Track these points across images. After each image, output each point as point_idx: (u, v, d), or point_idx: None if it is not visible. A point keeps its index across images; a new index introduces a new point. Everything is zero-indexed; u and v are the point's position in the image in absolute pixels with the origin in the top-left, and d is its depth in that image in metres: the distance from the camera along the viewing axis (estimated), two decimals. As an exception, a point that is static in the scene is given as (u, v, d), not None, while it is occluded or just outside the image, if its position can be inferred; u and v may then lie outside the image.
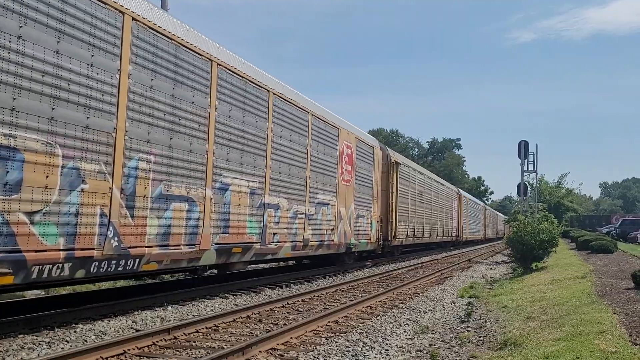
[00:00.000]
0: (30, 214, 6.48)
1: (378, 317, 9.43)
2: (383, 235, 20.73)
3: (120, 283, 12.14)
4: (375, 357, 6.80)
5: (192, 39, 9.67)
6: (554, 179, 46.23)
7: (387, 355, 6.94)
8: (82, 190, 7.25)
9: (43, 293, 10.54)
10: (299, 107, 13.80)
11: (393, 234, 21.45)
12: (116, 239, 7.79)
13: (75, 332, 7.33)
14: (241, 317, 8.86)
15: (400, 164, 22.97)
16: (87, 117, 7.32)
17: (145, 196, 8.40)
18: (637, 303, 8.86)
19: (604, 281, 12.08)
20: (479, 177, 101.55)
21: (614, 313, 7.98)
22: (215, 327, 8.04)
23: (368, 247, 19.12)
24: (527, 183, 29.18)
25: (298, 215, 13.60)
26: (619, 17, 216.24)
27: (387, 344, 7.45)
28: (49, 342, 6.74)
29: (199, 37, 9.95)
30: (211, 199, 10.02)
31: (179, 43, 9.26)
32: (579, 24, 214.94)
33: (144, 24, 8.39)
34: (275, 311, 9.70)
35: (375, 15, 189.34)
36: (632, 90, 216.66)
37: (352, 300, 10.85)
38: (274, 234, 12.40)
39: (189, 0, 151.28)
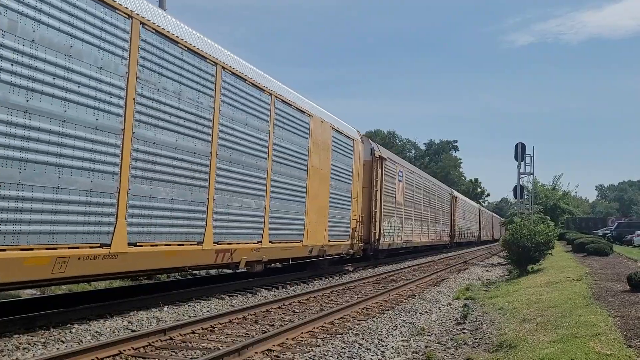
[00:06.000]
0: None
1: (374, 319, 9.43)
2: (452, 234, 36.98)
3: (117, 283, 12.11)
4: (371, 358, 6.81)
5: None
6: (549, 181, 46.15)
7: (382, 356, 6.94)
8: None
9: (38, 293, 10.51)
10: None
11: (456, 235, 38.54)
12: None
13: (70, 332, 7.31)
14: (237, 318, 8.85)
15: (457, 197, 40.78)
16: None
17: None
18: (633, 306, 8.87)
19: (600, 284, 12.10)
20: (476, 179, 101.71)
21: (610, 315, 8.00)
22: (211, 328, 8.04)
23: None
24: (523, 185, 29.21)
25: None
26: (615, 21, 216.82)
27: (383, 346, 7.46)
28: (44, 342, 6.72)
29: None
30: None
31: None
32: (576, 28, 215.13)
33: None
34: (272, 312, 9.70)
35: (372, 16, 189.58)
36: (628, 93, 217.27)
37: (348, 302, 10.86)
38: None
39: (186, 0, 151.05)
